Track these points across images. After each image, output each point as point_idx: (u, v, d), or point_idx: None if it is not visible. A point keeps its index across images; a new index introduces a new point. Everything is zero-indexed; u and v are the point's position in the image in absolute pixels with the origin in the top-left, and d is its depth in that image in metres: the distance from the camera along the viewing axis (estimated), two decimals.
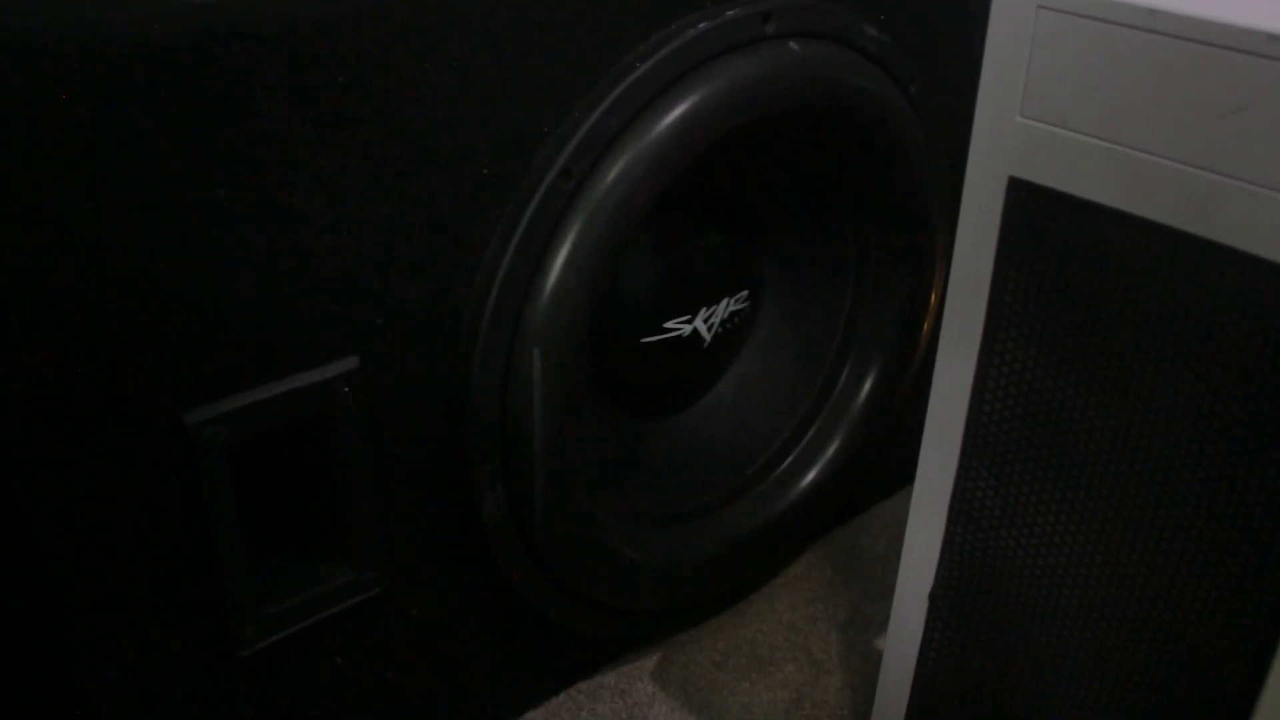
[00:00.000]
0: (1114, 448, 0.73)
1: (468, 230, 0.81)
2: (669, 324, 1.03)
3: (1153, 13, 0.63)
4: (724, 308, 1.07)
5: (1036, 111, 0.70)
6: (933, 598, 0.87)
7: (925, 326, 1.16)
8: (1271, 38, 0.59)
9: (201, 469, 0.75)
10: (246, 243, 0.72)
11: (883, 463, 1.24)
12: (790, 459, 1.15)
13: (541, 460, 0.88)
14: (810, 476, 1.15)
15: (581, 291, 0.85)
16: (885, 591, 1.17)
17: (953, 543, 0.85)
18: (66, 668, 0.76)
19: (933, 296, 1.14)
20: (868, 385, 1.16)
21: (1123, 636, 0.77)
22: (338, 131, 0.73)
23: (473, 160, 0.80)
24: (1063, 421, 0.75)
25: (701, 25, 0.86)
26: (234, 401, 0.75)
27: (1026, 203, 0.72)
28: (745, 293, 1.09)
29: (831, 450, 1.15)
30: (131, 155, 0.66)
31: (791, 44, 0.91)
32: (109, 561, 0.74)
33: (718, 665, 1.09)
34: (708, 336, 1.06)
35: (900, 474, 1.33)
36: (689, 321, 1.04)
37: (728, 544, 1.09)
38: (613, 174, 0.84)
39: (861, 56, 0.97)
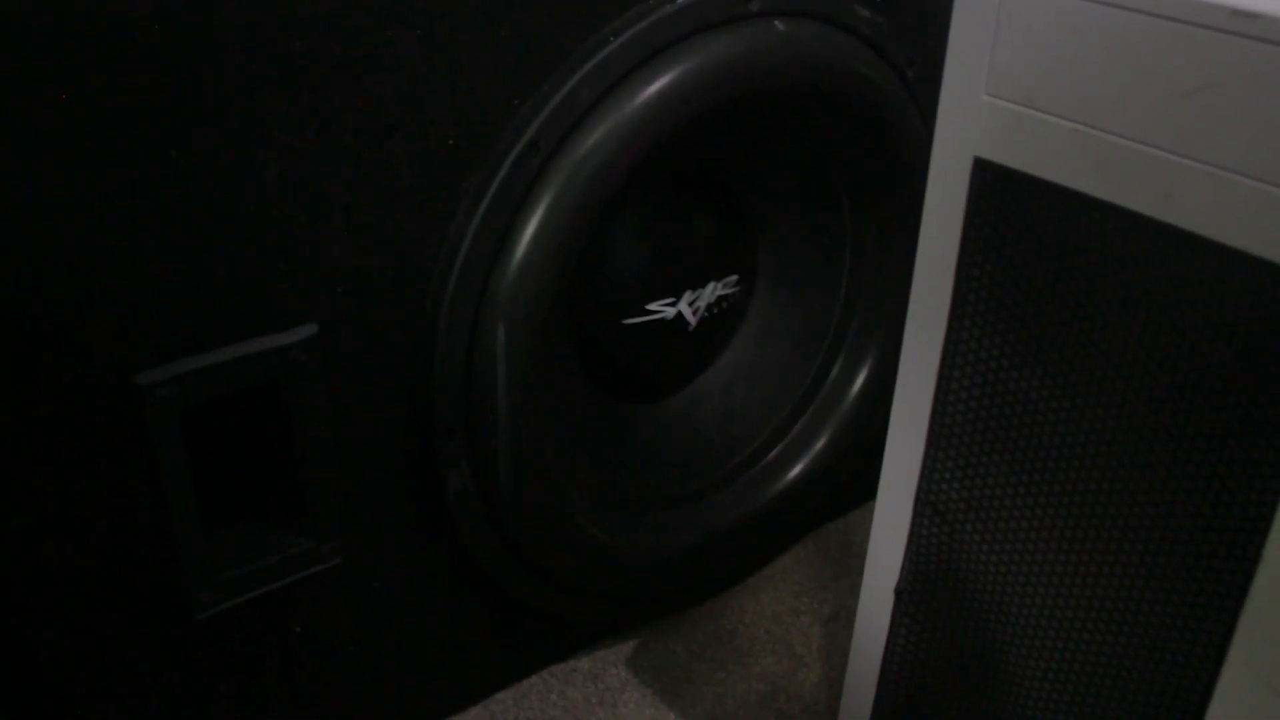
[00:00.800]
0: (1079, 439, 0.71)
1: (433, 201, 0.81)
2: (652, 306, 1.01)
3: None
4: (710, 292, 1.05)
5: (1002, 90, 0.68)
6: (898, 592, 0.85)
7: None
8: (1234, 13, 0.56)
9: (153, 430, 0.75)
10: (202, 204, 0.72)
11: (878, 455, 1.21)
12: (778, 450, 1.13)
13: (507, 437, 0.87)
14: (798, 469, 1.13)
15: (548, 266, 0.84)
16: None
17: (919, 536, 0.83)
18: (13, 626, 0.76)
19: None
20: (861, 376, 1.13)
21: (1085, 632, 0.74)
22: (296, 95, 0.72)
23: (438, 130, 0.79)
24: (1027, 412, 0.73)
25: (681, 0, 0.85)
26: (188, 364, 0.75)
27: (992, 185, 0.70)
28: (734, 278, 1.07)
29: (821, 443, 1.13)
30: (85, 114, 0.66)
31: (776, 22, 0.90)
32: (59, 522, 0.74)
33: (694, 655, 1.08)
34: (693, 320, 1.05)
35: None
36: (673, 304, 1.03)
37: (709, 533, 1.07)
38: (583, 149, 0.83)
39: (853, 37, 0.95)
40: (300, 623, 0.88)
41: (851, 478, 1.20)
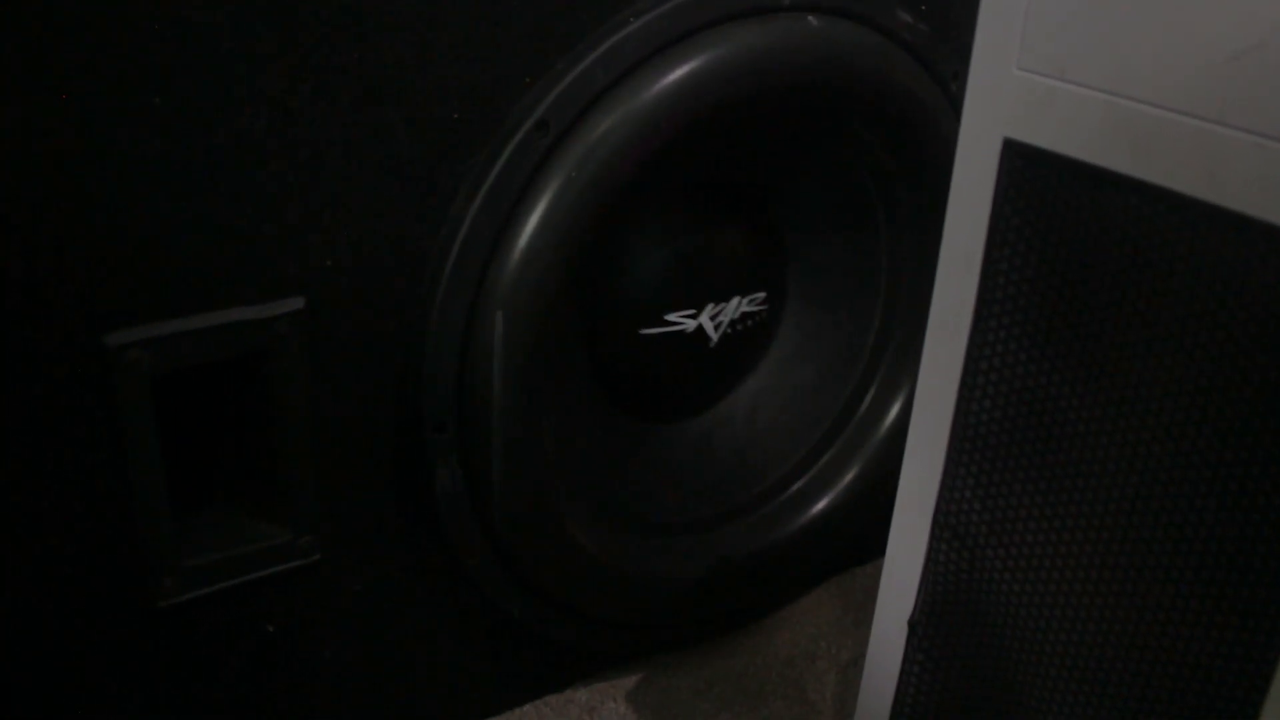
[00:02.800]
0: (1115, 452, 0.64)
1: (433, 176, 0.77)
2: (671, 316, 0.96)
3: None
4: (734, 307, 1.00)
5: (1034, 63, 0.63)
6: (912, 624, 0.78)
7: None
8: None
9: (120, 396, 0.71)
10: (183, 158, 0.68)
11: None
12: (802, 482, 1.06)
13: (501, 435, 0.82)
14: (822, 503, 1.06)
15: (553, 255, 0.79)
16: None
17: (935, 563, 0.76)
18: None
19: None
20: (895, 408, 1.07)
21: (1118, 667, 0.67)
22: (291, 47, 0.69)
23: (442, 102, 0.75)
24: (1057, 422, 0.66)
25: None
26: (161, 328, 0.71)
27: (1022, 168, 0.65)
28: (762, 295, 1.02)
29: (849, 477, 1.07)
30: (59, 56, 0.63)
31: (810, 18, 0.85)
32: (10, 492, 0.70)
33: (699, 693, 1.01)
34: (714, 336, 0.99)
35: None
36: (693, 316, 0.97)
37: (722, 564, 1.01)
38: (596, 132, 0.79)
39: (891, 42, 0.90)
40: (273, 620, 0.83)
41: (881, 518, 1.13)
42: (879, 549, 1.20)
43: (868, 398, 1.07)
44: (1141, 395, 0.62)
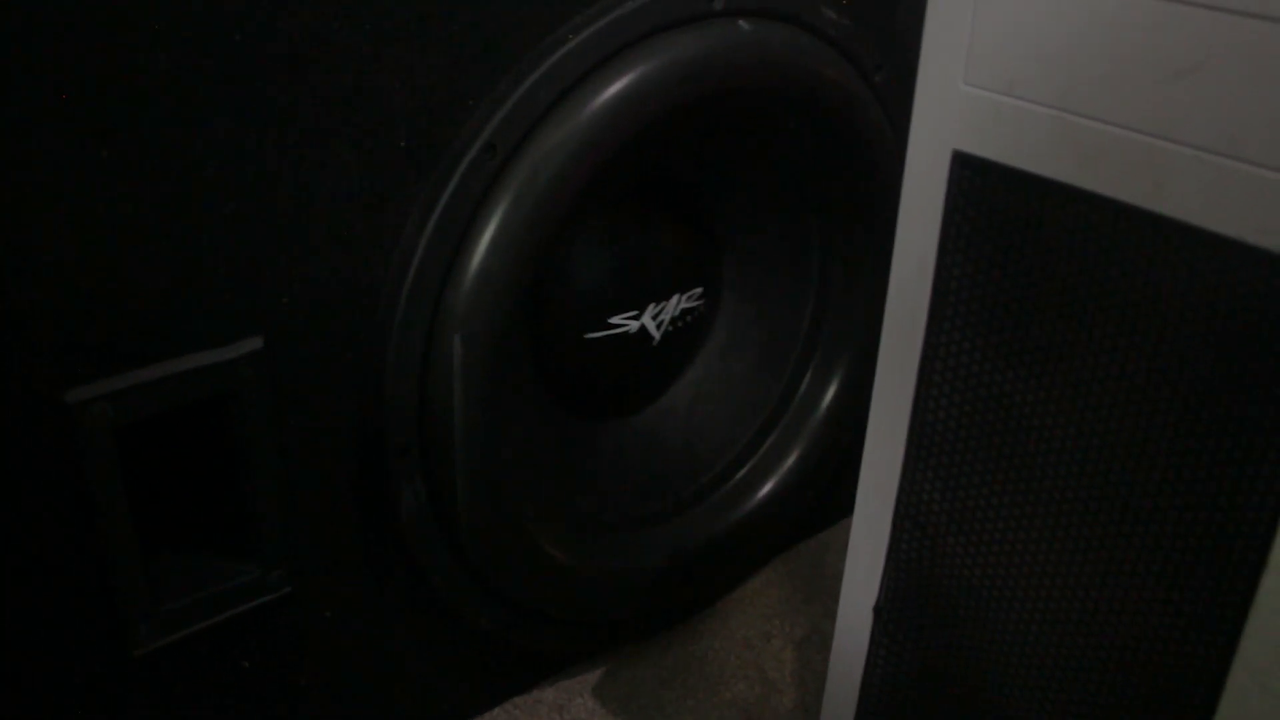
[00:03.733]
0: (1067, 444, 0.68)
1: (383, 206, 0.77)
2: (614, 319, 0.97)
3: None
4: (675, 305, 1.01)
5: (981, 78, 0.65)
6: (877, 611, 0.82)
7: None
8: None
9: (85, 451, 0.70)
10: (135, 207, 0.67)
11: (850, 472, 1.18)
12: (747, 468, 1.09)
13: (464, 455, 0.83)
14: (768, 487, 1.09)
15: (506, 276, 0.80)
16: None
17: (898, 551, 0.79)
18: None
19: None
20: (832, 390, 1.10)
21: (1079, 648, 0.71)
22: (236, 90, 0.68)
23: (389, 131, 0.75)
24: (1012, 417, 0.70)
25: None
26: (122, 380, 0.70)
27: (972, 179, 0.67)
28: (699, 290, 1.04)
29: (791, 460, 1.10)
30: (7, 109, 0.61)
31: (741, 22, 0.87)
32: None
33: (663, 682, 1.03)
34: (657, 335, 1.01)
35: None
36: (636, 318, 0.99)
37: (676, 555, 1.03)
38: (542, 151, 0.79)
39: (819, 40, 0.92)
40: (248, 656, 0.82)
41: (823, 496, 1.16)
42: (820, 525, 1.24)
43: (804, 383, 1.10)
44: (1095, 388, 0.65)
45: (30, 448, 0.68)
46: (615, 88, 0.81)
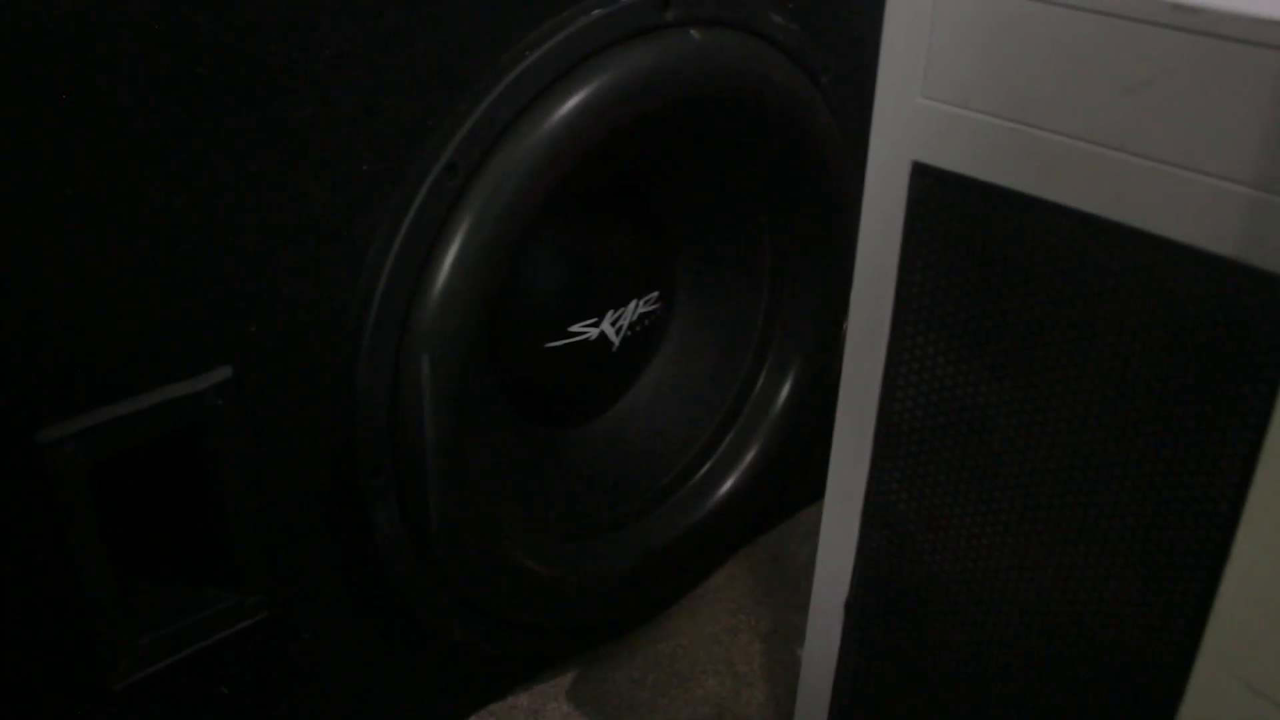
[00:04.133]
0: (1031, 443, 0.70)
1: (347, 230, 0.77)
2: (574, 328, 0.98)
3: None
4: (633, 310, 1.03)
5: (938, 92, 0.67)
6: (848, 606, 0.84)
7: (844, 323, 1.12)
8: (1175, 7, 0.56)
9: (58, 492, 0.69)
10: (100, 245, 0.67)
11: (807, 466, 1.20)
12: (707, 466, 1.11)
13: (435, 472, 0.83)
14: (729, 484, 1.11)
15: (471, 294, 0.80)
16: (809, 601, 1.13)
17: (867, 548, 0.81)
18: None
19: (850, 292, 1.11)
20: (787, 387, 1.12)
21: (1048, 640, 0.73)
22: (198, 123, 0.68)
23: (350, 155, 0.75)
24: (976, 418, 0.72)
25: (596, 12, 0.82)
26: (92, 417, 0.70)
27: (931, 188, 0.69)
28: (655, 294, 1.05)
29: (750, 456, 1.11)
30: None
31: (692, 32, 0.88)
32: None
33: (635, 682, 1.05)
34: (616, 340, 1.02)
35: (822, 478, 1.30)
36: (595, 325, 1.00)
37: (644, 556, 1.05)
38: (502, 169, 0.80)
39: (768, 45, 0.94)
40: (227, 683, 0.82)
41: (781, 490, 1.18)
42: (778, 518, 1.26)
43: (760, 380, 1.12)
44: (1056, 389, 0.67)
45: (3, 484, 0.68)
46: (573, 102, 0.81)
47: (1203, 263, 0.59)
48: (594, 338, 1.00)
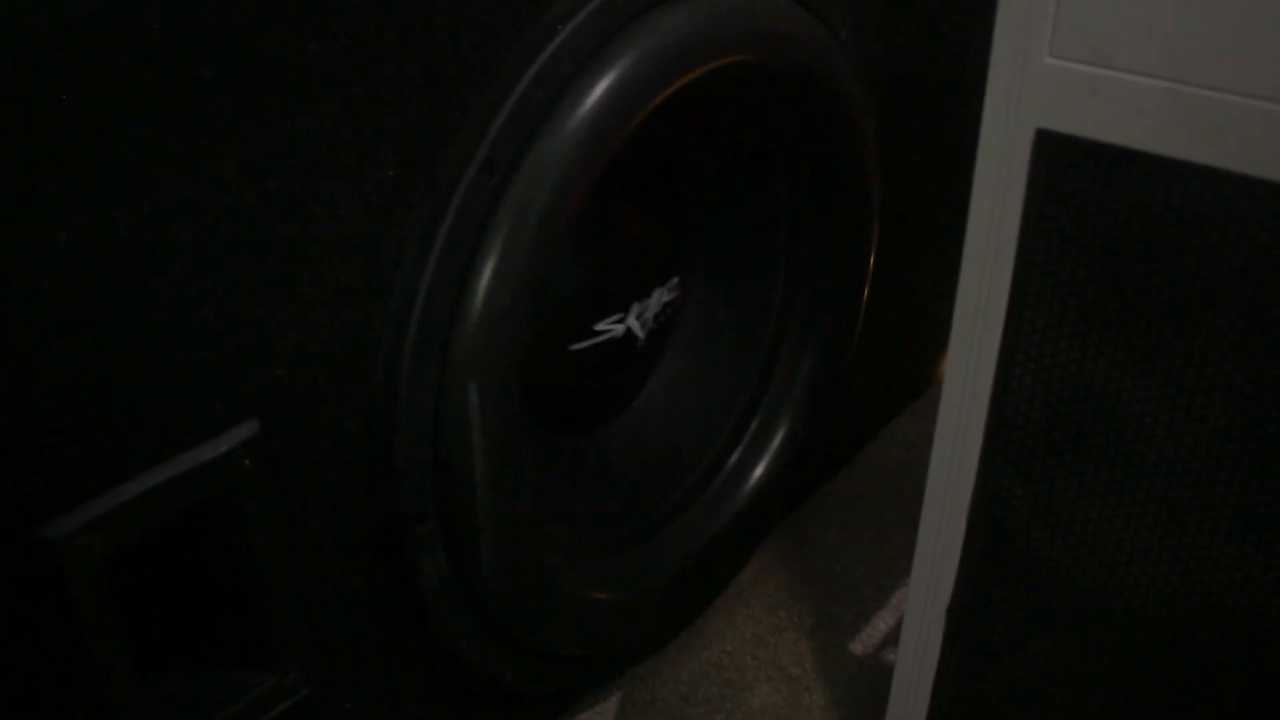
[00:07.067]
0: (1171, 435, 0.63)
1: (376, 247, 0.66)
2: (600, 326, 0.89)
3: None
4: (657, 299, 0.93)
5: (1071, 49, 0.59)
6: (950, 612, 0.77)
7: (865, 292, 1.05)
8: None
9: (72, 589, 0.58)
10: (100, 298, 0.55)
11: (823, 442, 1.13)
12: (736, 456, 1.03)
13: (487, 511, 0.74)
14: (759, 472, 1.03)
15: (518, 307, 0.70)
16: (848, 588, 1.07)
17: (973, 550, 0.74)
18: None
19: (871, 260, 1.03)
20: (808, 363, 1.04)
21: (1180, 650, 0.68)
22: (205, 139, 0.56)
23: (375, 161, 0.64)
24: (1106, 405, 0.65)
25: None
26: (104, 502, 0.58)
27: (1058, 158, 0.61)
28: (676, 279, 0.96)
29: (779, 439, 1.04)
30: None
31: None
32: None
33: (685, 698, 0.97)
34: (642, 335, 0.93)
35: (839, 452, 1.23)
36: (621, 320, 0.90)
37: (683, 560, 0.96)
38: (543, 162, 0.69)
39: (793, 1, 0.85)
40: None
41: (809, 469, 1.11)
42: (800, 499, 1.19)
43: (782, 355, 1.04)
44: (1204, 381, 0.61)
45: (10, 591, 0.56)
46: (611, 79, 0.71)
47: None
48: (621, 334, 0.90)
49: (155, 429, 0.60)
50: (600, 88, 0.71)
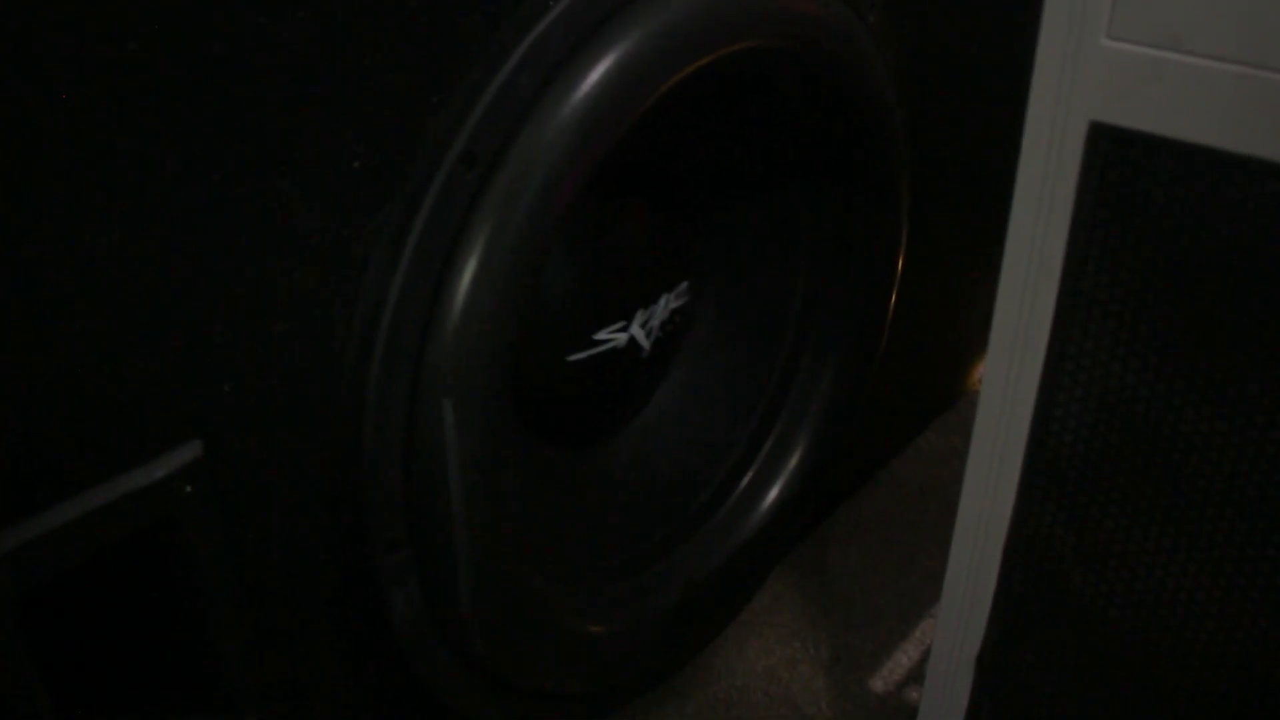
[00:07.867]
0: (1245, 482, 0.55)
1: (339, 249, 0.59)
2: (601, 335, 0.81)
3: None
4: (663, 306, 0.86)
5: (1133, 30, 0.51)
6: (981, 660, 0.69)
7: (892, 299, 0.97)
8: None
9: None
10: (12, 302, 0.48)
11: (846, 459, 1.06)
12: (749, 476, 0.95)
13: (465, 538, 0.66)
14: (774, 493, 0.95)
15: (500, 315, 0.63)
16: (869, 617, 1.00)
17: (1008, 592, 0.67)
18: None
19: (899, 264, 0.96)
20: (829, 376, 0.96)
21: (1238, 700, 0.60)
22: (138, 122, 0.49)
23: (339, 151, 0.57)
24: (1164, 434, 0.57)
25: None
26: (19, 533, 0.51)
27: (1115, 154, 0.53)
28: (685, 284, 0.88)
29: (795, 459, 0.96)
30: None
31: None
32: None
33: None
34: (647, 345, 0.85)
35: (862, 467, 1.15)
36: (624, 329, 0.83)
37: (689, 587, 0.89)
38: (529, 154, 0.62)
39: None
40: None
41: (828, 490, 1.04)
42: (817, 521, 1.11)
43: (801, 367, 0.96)
44: (1276, 400, 0.53)
45: None
46: (610, 63, 0.64)
47: None
48: (623, 344, 0.83)
49: (80, 452, 0.53)
50: (597, 72, 0.63)
